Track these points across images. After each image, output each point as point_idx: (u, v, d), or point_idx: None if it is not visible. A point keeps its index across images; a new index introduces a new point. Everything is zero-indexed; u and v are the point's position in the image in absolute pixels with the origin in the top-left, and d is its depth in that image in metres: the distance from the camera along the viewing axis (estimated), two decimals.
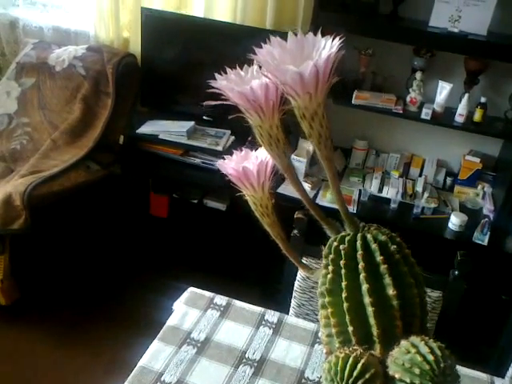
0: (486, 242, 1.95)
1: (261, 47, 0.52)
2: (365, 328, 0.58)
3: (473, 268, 1.18)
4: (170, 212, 2.54)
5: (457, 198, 2.24)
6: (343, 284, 0.59)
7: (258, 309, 1.25)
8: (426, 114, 2.06)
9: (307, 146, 2.28)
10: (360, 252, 0.59)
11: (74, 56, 2.49)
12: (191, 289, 1.29)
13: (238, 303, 1.25)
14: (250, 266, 2.42)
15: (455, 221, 2.00)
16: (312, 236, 1.30)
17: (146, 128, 2.40)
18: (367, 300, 0.58)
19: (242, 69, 0.60)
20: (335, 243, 0.62)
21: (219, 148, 2.31)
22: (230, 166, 0.66)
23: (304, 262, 1.34)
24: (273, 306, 1.34)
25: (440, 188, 2.31)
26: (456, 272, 1.18)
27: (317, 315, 1.37)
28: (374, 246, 0.60)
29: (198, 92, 2.52)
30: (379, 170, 2.34)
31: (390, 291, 0.58)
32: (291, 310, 1.38)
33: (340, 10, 2.05)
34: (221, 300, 1.26)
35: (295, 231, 1.30)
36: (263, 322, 1.20)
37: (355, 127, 2.36)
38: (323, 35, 0.53)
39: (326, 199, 2.13)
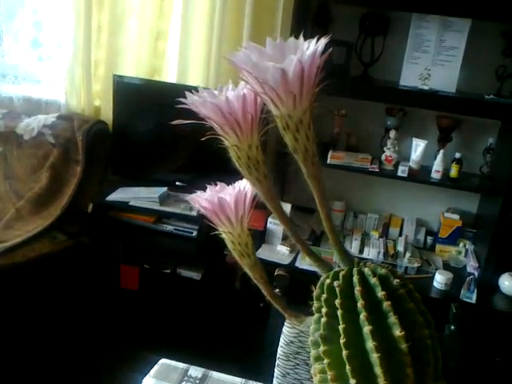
0: (474, 300, 1.87)
1: None
2: (370, 379, 0.48)
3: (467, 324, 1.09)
4: (142, 283, 2.39)
5: (439, 257, 2.18)
6: (341, 327, 0.50)
7: (239, 380, 1.11)
8: (402, 171, 2.04)
9: (284, 207, 2.21)
10: (358, 288, 0.51)
11: (43, 124, 2.44)
12: (162, 361, 1.15)
13: (215, 375, 1.12)
14: (228, 336, 2.26)
15: (440, 279, 1.93)
16: (295, 295, 1.20)
17: (116, 195, 2.31)
18: (370, 344, 0.48)
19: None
20: (328, 280, 0.53)
21: (193, 213, 2.23)
22: (201, 198, 0.58)
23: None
24: (254, 376, 1.20)
25: (421, 247, 2.25)
26: (452, 327, 1.09)
27: None
28: (373, 280, 0.51)
29: (170, 158, 2.51)
30: (358, 231, 2.28)
31: (397, 332, 0.48)
32: (275, 381, 1.24)
33: None
34: (196, 372, 1.12)
35: (276, 290, 1.20)
36: None
37: (332, 188, 2.33)
38: None
39: (306, 262, 2.04)
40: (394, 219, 2.33)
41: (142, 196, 2.28)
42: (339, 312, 0.50)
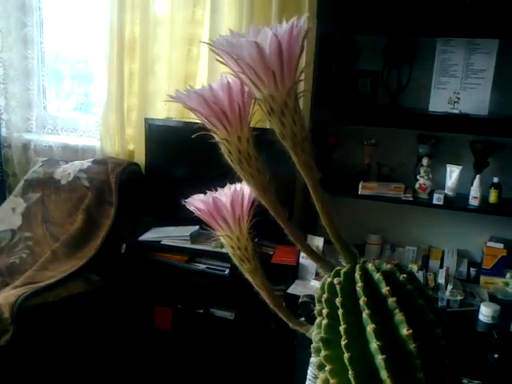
0: None
1: None
2: None
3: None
4: (175, 324, 2.35)
5: (484, 289, 2.04)
6: (342, 328, 0.45)
7: None
8: (437, 199, 1.96)
9: (317, 242, 2.16)
10: (360, 284, 0.46)
11: (79, 169, 2.51)
12: None
13: None
14: (263, 377, 2.16)
15: (486, 311, 1.80)
16: None
17: (149, 235, 2.32)
18: (374, 345, 0.43)
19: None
20: (328, 279, 0.49)
21: (225, 250, 2.19)
22: (195, 198, 0.56)
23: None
24: None
25: (464, 280, 2.13)
26: (495, 355, 0.99)
27: None
28: (377, 275, 0.47)
29: None
30: None
31: (404, 330, 0.43)
32: None
33: (337, 103, 2.06)
34: None
35: (302, 318, 1.14)
36: None
37: (366, 221, 2.26)
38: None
39: None
40: (433, 251, 2.22)
41: (173, 235, 2.28)
42: (340, 311, 0.46)
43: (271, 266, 2.14)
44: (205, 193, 0.57)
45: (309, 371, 1.15)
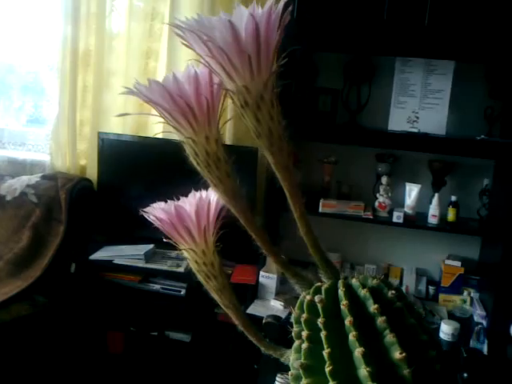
0: (485, 351, 1.72)
1: None
2: None
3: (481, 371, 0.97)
4: (127, 347, 2.22)
5: (443, 307, 2.05)
6: (325, 353, 0.40)
7: None
8: (397, 217, 1.96)
9: None
10: (344, 302, 0.41)
11: (26, 184, 2.37)
12: None
13: None
14: None
15: (446, 329, 1.79)
16: (285, 344, 1.08)
17: (101, 253, 2.21)
18: (364, 371, 0.38)
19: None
20: (308, 297, 0.43)
21: (181, 270, 2.12)
22: (156, 207, 0.49)
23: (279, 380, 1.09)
24: None
25: (423, 298, 2.13)
26: (465, 374, 0.96)
27: None
28: (363, 292, 0.42)
29: None
30: None
31: (397, 354, 0.38)
32: None
33: (297, 121, 2.04)
34: None
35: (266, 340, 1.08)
36: None
37: (325, 239, 2.21)
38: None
39: None
40: (392, 269, 2.21)
41: (127, 254, 2.18)
42: (323, 334, 0.41)
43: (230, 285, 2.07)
44: (165, 201, 0.51)
45: None
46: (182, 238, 0.50)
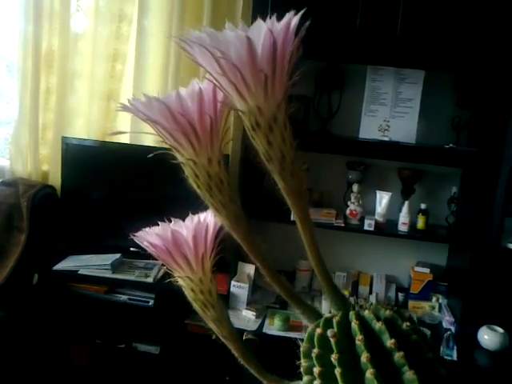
0: (455, 357, 1.75)
1: None
2: None
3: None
4: (92, 361, 2.14)
5: (413, 314, 2.07)
6: None
7: None
8: (368, 225, 1.97)
9: (248, 269, 2.08)
10: (360, 337, 0.39)
11: None
12: None
13: None
14: None
15: None
16: (264, 364, 1.04)
17: (65, 264, 2.12)
18: None
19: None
20: (318, 330, 0.41)
21: (149, 280, 2.06)
22: (150, 232, 0.46)
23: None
24: None
25: (393, 305, 2.14)
26: None
27: None
28: (378, 325, 0.39)
29: (123, 223, 2.36)
30: None
31: None
32: None
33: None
34: None
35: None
36: None
37: (296, 247, 2.20)
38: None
39: (275, 327, 1.88)
40: (362, 276, 2.22)
41: (92, 264, 2.10)
42: (337, 371, 0.38)
43: None
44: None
45: None
46: (178, 266, 0.46)
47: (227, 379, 1.92)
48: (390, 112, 1.94)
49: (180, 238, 0.45)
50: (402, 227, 1.97)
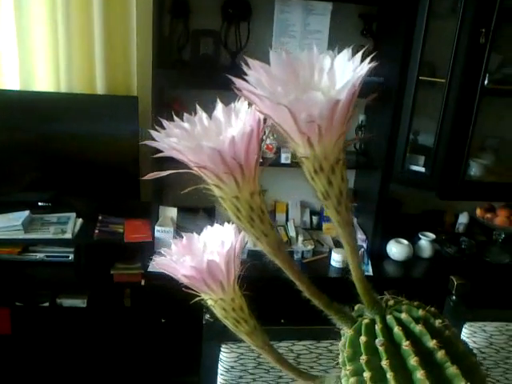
0: (371, 272, 1.95)
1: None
2: None
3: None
4: (16, 324, 2.05)
5: (328, 235, 2.24)
6: None
7: None
8: (285, 158, 2.03)
9: (170, 213, 2.07)
10: (407, 342, 0.43)
11: None
12: None
13: None
14: (136, 366, 2.07)
15: (337, 258, 1.98)
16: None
17: None
18: None
19: None
20: (363, 338, 0.44)
21: (68, 236, 1.96)
22: (184, 265, 0.44)
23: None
24: None
25: (309, 228, 2.29)
26: (454, 297, 1.12)
27: None
28: (418, 328, 0.44)
29: (25, 175, 2.18)
30: None
31: None
32: None
33: (179, 66, 1.94)
34: None
35: (207, 316, 1.08)
36: None
37: None
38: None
39: None
40: (278, 205, 2.33)
41: (0, 226, 1.94)
42: (390, 375, 0.42)
43: (124, 245, 2.00)
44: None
45: (220, 366, 1.11)
46: (211, 290, 0.46)
47: (163, 321, 1.96)
48: (300, 44, 1.94)
49: (215, 267, 0.45)
50: None
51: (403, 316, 0.45)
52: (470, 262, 2.08)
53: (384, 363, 0.43)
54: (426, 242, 2.09)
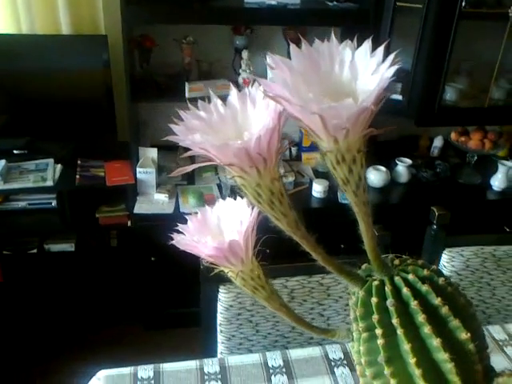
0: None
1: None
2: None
3: None
4: (7, 272, 2.08)
5: (308, 165, 2.27)
6: (407, 347, 0.47)
7: (193, 363, 1.06)
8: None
9: (150, 153, 2.06)
10: (415, 302, 0.47)
11: None
12: (103, 373, 1.03)
13: (167, 367, 1.04)
14: (130, 302, 2.15)
15: (319, 188, 2.03)
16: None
17: None
18: (443, 356, 0.46)
19: None
20: (374, 299, 0.48)
21: (49, 183, 1.95)
22: (206, 245, 0.47)
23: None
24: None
25: (288, 159, 2.32)
26: (434, 226, 1.21)
27: (251, 340, 1.23)
28: (424, 288, 0.48)
29: None
30: None
31: (463, 335, 0.47)
32: (221, 346, 1.22)
33: (150, 1, 1.84)
34: (146, 372, 1.03)
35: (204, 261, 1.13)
36: (205, 377, 1.02)
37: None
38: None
39: (190, 204, 1.97)
40: None
41: None
42: (400, 331, 0.47)
43: (107, 189, 2.00)
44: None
45: (219, 305, 1.18)
46: (232, 264, 0.49)
47: (153, 259, 2.02)
48: None
49: (236, 245, 0.47)
50: None
51: (410, 277, 0.49)
52: (445, 185, 2.17)
53: (394, 321, 0.48)
54: (402, 167, 2.16)
